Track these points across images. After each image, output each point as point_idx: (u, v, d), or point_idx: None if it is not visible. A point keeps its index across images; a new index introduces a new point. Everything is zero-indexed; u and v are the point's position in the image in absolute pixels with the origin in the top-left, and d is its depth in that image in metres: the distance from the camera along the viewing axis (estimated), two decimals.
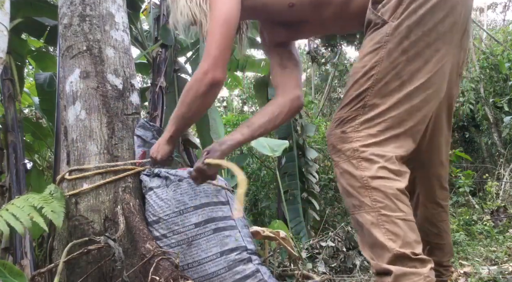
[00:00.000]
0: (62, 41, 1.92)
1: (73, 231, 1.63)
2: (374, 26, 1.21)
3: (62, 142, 1.83)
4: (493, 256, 3.03)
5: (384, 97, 1.17)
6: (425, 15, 1.15)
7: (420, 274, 1.09)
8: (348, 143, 1.19)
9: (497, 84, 8.85)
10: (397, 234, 1.13)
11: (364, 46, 1.21)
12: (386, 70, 1.16)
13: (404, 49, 1.16)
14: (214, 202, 1.69)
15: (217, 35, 1.33)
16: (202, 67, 1.36)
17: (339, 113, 1.24)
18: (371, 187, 1.15)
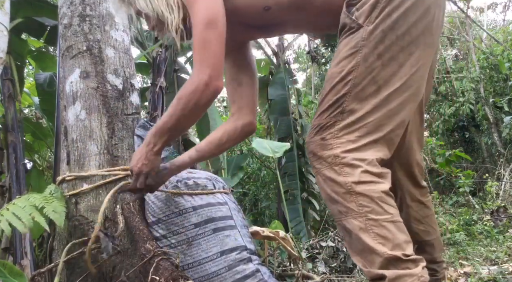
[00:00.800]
0: (62, 41, 1.92)
1: (73, 231, 1.63)
2: (349, 30, 1.20)
3: (62, 142, 1.83)
4: (493, 256, 3.03)
5: (361, 103, 1.17)
6: (398, 19, 1.15)
7: (414, 275, 1.08)
8: (328, 150, 1.18)
9: (497, 84, 8.85)
10: (386, 237, 1.12)
11: (340, 51, 1.20)
12: (363, 75, 1.16)
13: (379, 54, 1.16)
14: (213, 202, 1.69)
15: (209, 41, 1.23)
16: (201, 78, 1.24)
17: (317, 119, 1.22)
18: (356, 192, 1.14)
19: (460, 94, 9.49)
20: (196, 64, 1.25)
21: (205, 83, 1.23)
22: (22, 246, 2.35)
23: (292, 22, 1.42)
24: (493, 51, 8.74)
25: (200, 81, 1.23)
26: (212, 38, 1.22)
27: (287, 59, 5.86)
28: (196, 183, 1.74)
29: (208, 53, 1.23)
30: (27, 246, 2.35)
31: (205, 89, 1.24)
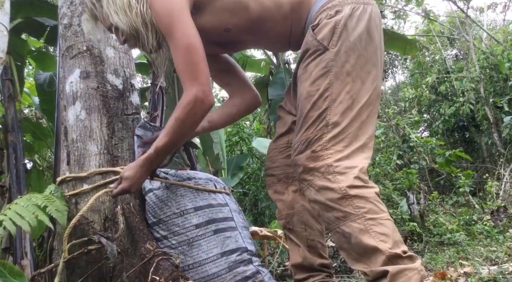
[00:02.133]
0: (62, 41, 1.92)
1: (73, 231, 1.62)
2: (316, 51, 1.32)
3: (62, 142, 1.83)
4: (493, 256, 3.03)
5: (342, 115, 1.27)
6: (355, 42, 1.30)
7: (414, 269, 1.15)
8: (320, 161, 1.25)
9: (497, 84, 8.84)
10: (387, 234, 1.19)
11: (311, 71, 1.31)
12: (338, 90, 1.28)
13: (348, 72, 1.29)
14: (213, 203, 1.69)
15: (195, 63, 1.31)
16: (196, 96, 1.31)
17: (304, 134, 1.30)
18: (351, 195, 1.21)
19: (460, 94, 9.49)
20: (187, 84, 1.32)
21: (201, 101, 1.31)
22: (22, 246, 2.35)
23: (250, 42, 1.59)
24: (493, 51, 8.74)
25: (196, 99, 1.31)
26: (197, 59, 1.31)
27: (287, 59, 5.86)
28: (197, 183, 1.74)
29: (196, 72, 1.31)
30: (27, 246, 2.34)
31: (201, 105, 1.32)
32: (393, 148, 7.09)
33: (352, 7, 1.32)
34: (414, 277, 1.13)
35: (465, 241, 4.08)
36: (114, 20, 1.40)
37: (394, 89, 14.57)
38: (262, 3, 1.39)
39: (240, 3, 1.38)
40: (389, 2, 10.51)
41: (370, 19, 1.34)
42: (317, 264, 1.58)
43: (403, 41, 6.19)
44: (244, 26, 1.44)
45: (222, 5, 1.39)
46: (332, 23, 1.31)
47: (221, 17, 1.42)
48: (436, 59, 11.49)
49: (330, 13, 1.32)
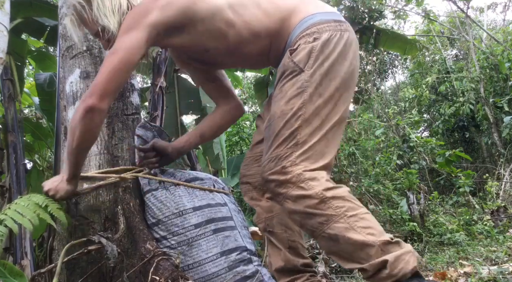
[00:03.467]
0: (62, 41, 1.92)
1: (73, 231, 1.62)
2: (292, 72, 1.37)
3: (62, 142, 1.83)
4: (493, 256, 3.03)
5: (311, 135, 1.33)
6: (330, 67, 1.36)
7: (409, 251, 1.20)
8: (291, 174, 1.29)
9: (497, 84, 8.84)
10: (371, 226, 1.24)
11: (287, 91, 1.36)
12: (310, 111, 1.33)
13: (320, 94, 1.35)
14: (212, 203, 1.69)
15: (110, 70, 1.34)
16: (83, 96, 1.38)
17: (275, 152, 1.34)
18: (329, 197, 1.26)
19: (460, 94, 9.49)
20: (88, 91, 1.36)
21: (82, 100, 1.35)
22: (22, 246, 2.35)
23: (230, 63, 1.70)
24: (493, 51, 8.73)
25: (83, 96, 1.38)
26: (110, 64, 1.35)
27: None
28: (203, 184, 1.75)
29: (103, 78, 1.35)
30: (27, 246, 2.35)
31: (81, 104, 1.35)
32: (393, 148, 7.09)
33: (329, 34, 1.38)
34: (411, 259, 1.18)
35: (465, 241, 4.08)
36: (104, 22, 1.43)
37: (394, 89, 14.57)
38: (240, 33, 1.44)
39: (219, 30, 1.43)
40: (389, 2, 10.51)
41: (345, 45, 1.40)
42: (300, 264, 1.60)
43: (403, 41, 6.20)
44: (223, 50, 1.50)
45: (203, 29, 1.43)
46: (308, 48, 1.36)
47: (201, 39, 1.46)
48: (436, 59, 11.49)
49: (308, 40, 1.37)
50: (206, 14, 1.40)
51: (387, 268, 1.16)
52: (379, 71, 10.42)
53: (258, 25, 1.44)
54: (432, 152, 7.12)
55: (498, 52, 8.52)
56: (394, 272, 1.16)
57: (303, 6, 1.46)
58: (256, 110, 11.10)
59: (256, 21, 1.43)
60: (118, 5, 1.45)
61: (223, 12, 1.41)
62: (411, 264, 1.17)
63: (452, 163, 6.05)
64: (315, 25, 1.39)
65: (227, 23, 1.41)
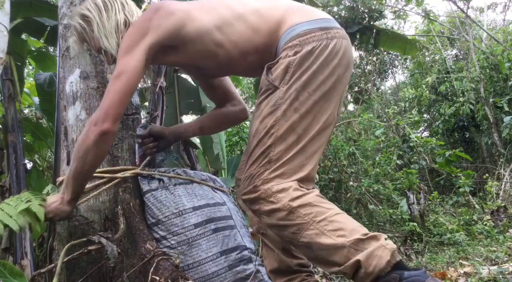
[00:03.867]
0: (62, 42, 1.91)
1: (73, 231, 1.62)
2: (267, 91, 1.36)
3: (62, 142, 1.83)
4: (493, 256, 3.03)
5: (286, 151, 1.31)
6: (309, 79, 1.33)
7: (380, 246, 1.17)
8: (260, 190, 1.30)
9: (497, 84, 8.84)
10: (340, 228, 1.22)
11: (262, 109, 1.36)
12: (283, 127, 1.32)
13: (296, 108, 1.32)
14: (212, 203, 1.69)
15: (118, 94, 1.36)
16: (92, 119, 1.37)
17: (248, 171, 1.34)
18: (295, 207, 1.26)
19: (460, 94, 9.49)
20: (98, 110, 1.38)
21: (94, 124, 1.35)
22: (22, 246, 2.35)
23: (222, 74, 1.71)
24: (493, 51, 8.74)
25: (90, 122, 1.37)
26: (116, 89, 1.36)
27: None
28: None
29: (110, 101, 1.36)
30: (27, 246, 2.34)
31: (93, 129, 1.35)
32: (393, 148, 7.10)
33: (312, 46, 1.34)
34: (384, 254, 1.15)
35: (465, 241, 4.08)
36: (104, 45, 1.45)
37: (394, 89, 14.58)
38: (229, 52, 1.44)
39: (209, 51, 1.44)
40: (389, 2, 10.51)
41: (330, 54, 1.35)
42: (294, 264, 1.59)
43: (403, 41, 6.20)
44: (215, 67, 1.53)
45: (193, 50, 1.44)
46: (285, 63, 1.34)
47: (192, 59, 1.49)
48: (436, 59, 11.50)
49: (289, 53, 1.35)
50: (195, 36, 1.41)
51: (362, 267, 1.16)
52: (379, 71, 10.42)
53: (246, 43, 1.43)
54: (432, 152, 7.12)
55: (498, 52, 8.52)
56: (369, 270, 1.15)
57: (289, 16, 1.42)
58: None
59: (243, 40, 1.42)
60: (116, 25, 1.47)
61: (211, 33, 1.41)
62: (384, 258, 1.15)
63: (452, 163, 6.05)
64: (299, 36, 1.36)
65: (216, 44, 1.42)
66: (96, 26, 1.46)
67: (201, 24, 1.41)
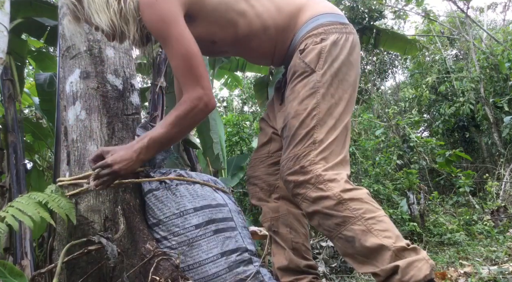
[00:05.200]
0: (62, 42, 1.91)
1: (73, 231, 1.62)
2: (304, 73, 1.39)
3: (62, 142, 1.83)
4: (493, 256, 3.03)
5: (327, 133, 1.35)
6: (339, 68, 1.39)
7: (422, 259, 1.18)
8: (310, 174, 1.30)
9: (497, 84, 8.84)
10: (388, 229, 1.22)
11: (299, 91, 1.38)
12: (324, 110, 1.36)
13: (332, 94, 1.37)
14: (213, 203, 1.69)
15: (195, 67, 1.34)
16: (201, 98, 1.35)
17: (292, 151, 1.35)
18: (346, 199, 1.26)
19: (460, 94, 9.48)
20: (189, 88, 1.35)
21: (205, 104, 1.36)
22: (22, 246, 2.34)
23: (233, 53, 1.70)
24: (493, 51, 8.73)
25: (199, 102, 1.35)
26: (196, 64, 1.34)
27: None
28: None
29: (198, 77, 1.34)
30: (27, 246, 2.34)
31: (204, 109, 1.37)
32: (393, 148, 7.09)
33: (336, 36, 1.41)
34: (424, 267, 1.16)
35: (465, 241, 4.08)
36: (96, 21, 1.40)
37: (394, 89, 14.58)
38: (251, 23, 1.44)
39: (231, 20, 1.43)
40: (389, 2, 10.51)
41: (351, 47, 1.43)
42: (303, 265, 1.59)
43: (403, 41, 6.20)
44: (230, 41, 1.49)
45: (214, 19, 1.43)
46: (318, 49, 1.38)
47: (210, 30, 1.45)
48: (436, 59, 11.49)
49: (316, 40, 1.39)
50: (219, 3, 1.40)
51: (398, 274, 1.15)
52: (379, 71, 10.43)
53: (269, 18, 1.44)
54: (432, 152, 7.12)
55: (498, 52, 8.52)
56: (405, 279, 1.15)
57: (312, 5, 1.47)
58: (256, 110, 11.10)
59: (267, 14, 1.44)
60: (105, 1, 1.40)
61: (238, 1, 1.42)
62: (423, 271, 1.15)
63: (452, 163, 6.05)
64: (322, 26, 1.41)
65: (239, 12, 1.42)
66: (87, 2, 1.40)
67: None
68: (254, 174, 1.71)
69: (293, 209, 1.65)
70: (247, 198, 5.62)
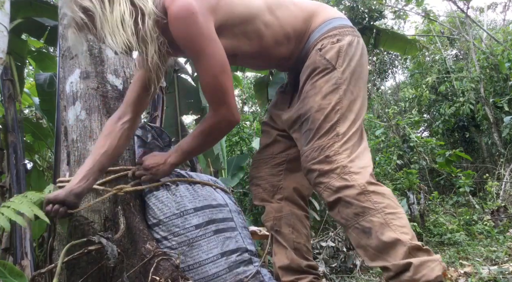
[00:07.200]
0: (62, 42, 1.91)
1: (74, 232, 1.62)
2: (325, 69, 1.44)
3: (62, 142, 1.83)
4: (493, 256, 3.03)
5: (349, 127, 1.41)
6: (355, 67, 1.46)
7: (436, 260, 1.19)
8: (335, 163, 1.34)
9: (497, 84, 8.84)
10: (406, 226, 1.25)
11: (322, 87, 1.43)
12: (346, 106, 1.42)
13: (351, 91, 1.44)
14: (213, 204, 1.69)
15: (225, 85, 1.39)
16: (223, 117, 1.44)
17: (317, 142, 1.40)
18: (369, 191, 1.28)
19: (460, 94, 9.49)
20: (215, 105, 1.43)
21: (229, 121, 1.46)
22: (22, 246, 2.34)
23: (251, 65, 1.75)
24: (493, 51, 8.74)
25: (224, 120, 1.45)
26: (226, 83, 1.39)
27: None
28: None
29: (226, 96, 1.40)
30: (27, 246, 2.34)
31: (228, 125, 1.49)
32: (393, 148, 7.09)
33: (350, 38, 1.49)
34: (436, 268, 1.17)
35: (465, 241, 4.08)
36: (109, 42, 1.27)
37: (394, 89, 14.58)
38: (275, 34, 1.50)
39: (257, 31, 1.47)
40: (389, 2, 10.51)
41: (362, 49, 1.51)
42: (304, 265, 1.60)
43: (403, 41, 6.19)
44: (252, 52, 1.53)
45: (240, 32, 1.46)
46: (337, 47, 1.45)
47: (234, 43, 1.47)
48: (436, 59, 11.50)
49: (333, 40, 1.46)
50: (248, 15, 1.44)
51: (410, 271, 1.16)
52: (379, 71, 10.42)
53: (289, 26, 1.51)
54: (432, 152, 7.12)
55: (498, 52, 8.52)
56: (417, 277, 1.16)
57: (323, 10, 1.55)
58: (256, 110, 11.09)
59: (287, 22, 1.50)
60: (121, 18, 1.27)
61: (263, 13, 1.47)
62: (435, 272, 1.16)
63: (452, 163, 6.05)
64: (336, 28, 1.49)
65: (266, 24, 1.47)
66: (99, 20, 1.27)
67: (253, 4, 1.46)
68: (258, 174, 1.73)
69: (296, 210, 1.67)
70: (247, 198, 5.62)
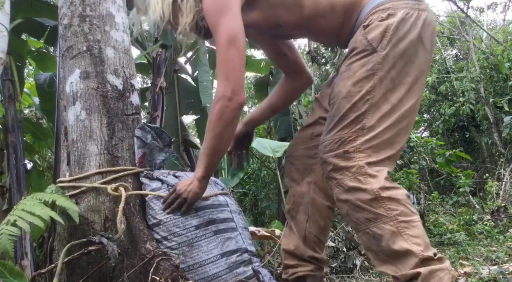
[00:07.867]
0: (62, 42, 1.91)
1: (74, 232, 1.62)
2: (363, 51, 1.30)
3: (62, 142, 1.83)
4: (493, 256, 3.03)
5: (379, 120, 1.27)
6: (405, 48, 1.28)
7: (445, 269, 1.16)
8: (352, 161, 1.25)
9: (497, 84, 8.84)
10: (419, 236, 1.18)
11: (356, 71, 1.30)
12: (379, 95, 1.27)
13: (392, 78, 1.28)
14: (214, 204, 1.69)
15: (231, 59, 1.31)
16: (222, 95, 1.33)
17: (337, 134, 1.29)
18: (383, 197, 1.21)
19: (460, 94, 9.48)
20: (220, 80, 1.33)
21: (229, 98, 1.32)
22: (22, 246, 2.35)
23: (299, 35, 1.64)
24: (493, 51, 8.73)
25: (223, 97, 1.32)
26: (234, 56, 1.31)
27: None
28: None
29: (230, 69, 1.31)
30: (27, 246, 2.34)
31: (229, 104, 1.33)
32: None
33: (405, 11, 1.29)
34: (445, 277, 1.14)
35: (465, 241, 4.07)
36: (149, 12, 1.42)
37: None
38: (317, 3, 1.38)
39: (296, 0, 1.38)
40: None
41: (424, 25, 1.31)
42: (307, 255, 1.58)
43: None
44: (295, 23, 1.43)
45: (278, 1, 1.38)
46: (383, 26, 1.28)
47: (274, 13, 1.40)
48: (436, 59, 11.49)
49: (382, 16, 1.29)
50: None
51: (418, 281, 1.14)
52: None
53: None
54: (432, 152, 7.12)
55: (498, 52, 8.52)
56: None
57: None
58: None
59: None
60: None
61: None
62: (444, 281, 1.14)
63: (452, 163, 6.05)
64: (391, 1, 1.32)
65: None
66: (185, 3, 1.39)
67: None
68: (294, 153, 1.69)
69: (319, 199, 1.61)
70: (247, 198, 5.63)
